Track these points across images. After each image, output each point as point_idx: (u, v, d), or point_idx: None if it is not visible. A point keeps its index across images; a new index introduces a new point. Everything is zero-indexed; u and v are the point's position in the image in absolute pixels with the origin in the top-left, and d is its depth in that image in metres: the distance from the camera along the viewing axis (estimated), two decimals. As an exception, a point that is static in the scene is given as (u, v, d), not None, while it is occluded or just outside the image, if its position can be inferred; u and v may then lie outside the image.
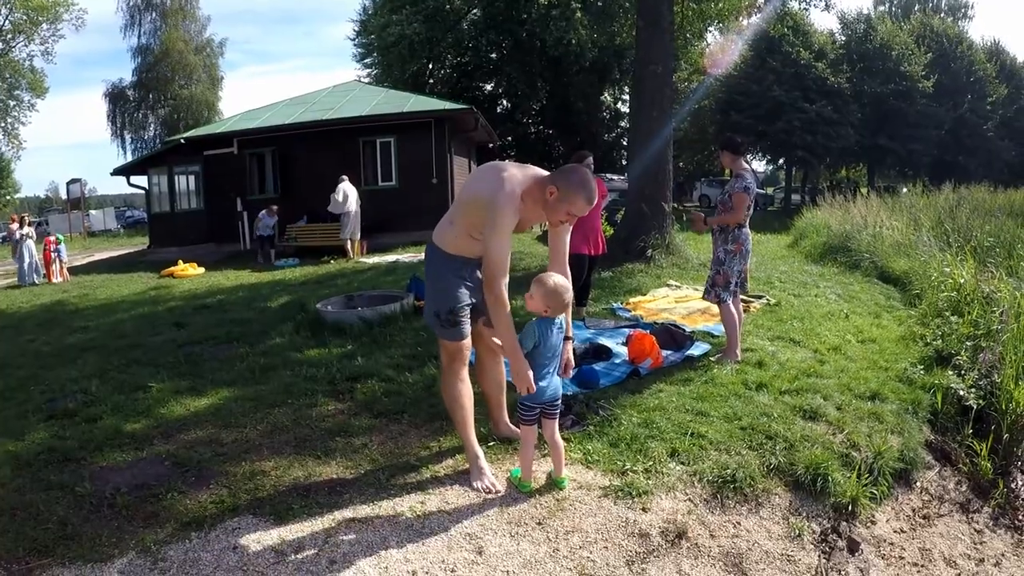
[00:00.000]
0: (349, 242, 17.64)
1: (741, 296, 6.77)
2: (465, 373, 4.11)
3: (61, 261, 17.93)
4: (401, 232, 19.68)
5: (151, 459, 4.54)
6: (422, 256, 15.52)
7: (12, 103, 46.50)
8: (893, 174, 52.26)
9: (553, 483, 3.99)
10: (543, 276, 3.76)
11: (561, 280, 3.76)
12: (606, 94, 48.46)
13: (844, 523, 4.11)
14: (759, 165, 52.75)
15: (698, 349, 6.69)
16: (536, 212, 3.77)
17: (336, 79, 79.37)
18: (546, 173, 3.79)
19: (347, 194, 17.36)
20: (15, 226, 18.53)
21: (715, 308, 7.99)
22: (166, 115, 54.87)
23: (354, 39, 45.28)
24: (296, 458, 4.43)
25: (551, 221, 3.83)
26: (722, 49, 31.09)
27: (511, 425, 4.58)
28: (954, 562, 4.17)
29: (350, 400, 5.54)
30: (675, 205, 16.30)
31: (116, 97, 55.11)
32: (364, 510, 3.74)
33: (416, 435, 4.75)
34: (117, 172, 24.73)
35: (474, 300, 4.01)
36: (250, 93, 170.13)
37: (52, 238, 18.13)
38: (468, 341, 4.08)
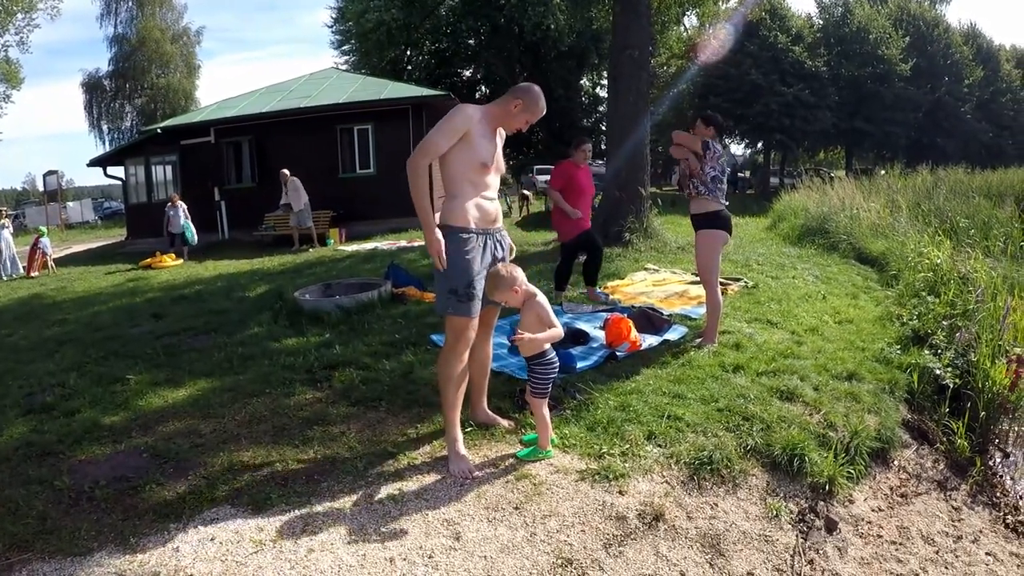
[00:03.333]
0: (309, 229, 17.62)
1: (719, 279, 6.77)
2: (467, 355, 4.14)
3: (45, 254, 17.76)
4: (379, 220, 19.64)
5: (129, 451, 4.53)
6: (401, 243, 15.41)
7: (-14, 95, 45.70)
8: (871, 156, 52.65)
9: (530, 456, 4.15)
10: (490, 275, 4.03)
11: (493, 270, 4.07)
12: (585, 79, 48.54)
13: (822, 503, 4.14)
14: (737, 148, 52.94)
15: (676, 332, 6.71)
16: (495, 124, 4.15)
17: (314, 66, 78.82)
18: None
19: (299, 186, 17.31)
20: None
21: (693, 291, 8.07)
22: (143, 105, 54.05)
23: (332, 26, 45.13)
24: (274, 447, 4.43)
25: (509, 128, 4.21)
26: (713, 37, 31.07)
27: (489, 412, 4.61)
28: (932, 539, 4.21)
29: (328, 388, 5.54)
30: (653, 189, 16.31)
31: (93, 87, 54.24)
32: (342, 498, 3.75)
33: (394, 422, 4.76)
34: (94, 163, 24.50)
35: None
36: (227, 81, 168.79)
37: (36, 235, 18.00)
38: (476, 321, 4.10)
